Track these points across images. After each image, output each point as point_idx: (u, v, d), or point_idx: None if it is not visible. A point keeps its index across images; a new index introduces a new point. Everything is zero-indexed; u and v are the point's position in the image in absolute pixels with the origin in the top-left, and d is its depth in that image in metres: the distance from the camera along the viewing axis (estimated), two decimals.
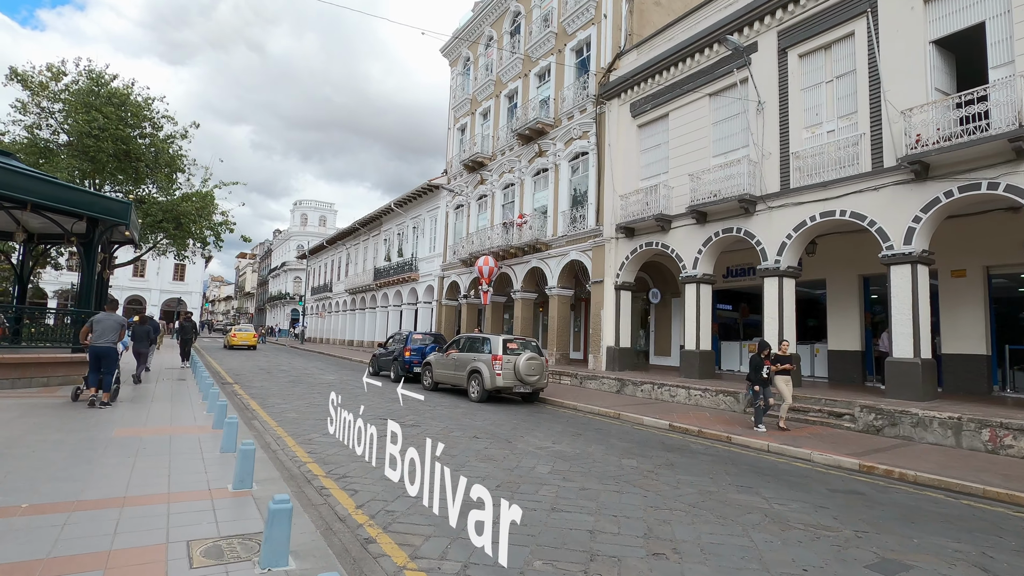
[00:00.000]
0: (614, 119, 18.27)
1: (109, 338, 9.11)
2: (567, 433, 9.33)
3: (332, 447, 7.39)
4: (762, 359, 9.84)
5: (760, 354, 9.92)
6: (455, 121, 29.51)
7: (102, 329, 9.11)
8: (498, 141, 24.88)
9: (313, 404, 11.43)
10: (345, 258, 46.47)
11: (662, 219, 15.71)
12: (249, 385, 14.55)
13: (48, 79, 22.16)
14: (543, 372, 13.11)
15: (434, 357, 15.03)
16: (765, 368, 9.79)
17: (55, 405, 8.64)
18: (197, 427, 7.57)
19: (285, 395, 12.78)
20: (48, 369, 10.82)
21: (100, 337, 9.04)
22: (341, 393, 12.13)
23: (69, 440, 6.31)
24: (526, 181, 22.63)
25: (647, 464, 7.24)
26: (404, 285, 33.43)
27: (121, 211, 11.79)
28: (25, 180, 10.16)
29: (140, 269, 54.20)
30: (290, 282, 67.66)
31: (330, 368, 21.85)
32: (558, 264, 20.12)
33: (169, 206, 23.93)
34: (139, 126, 23.43)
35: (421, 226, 32.42)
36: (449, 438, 8.39)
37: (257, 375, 17.45)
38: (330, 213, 71.16)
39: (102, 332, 9.09)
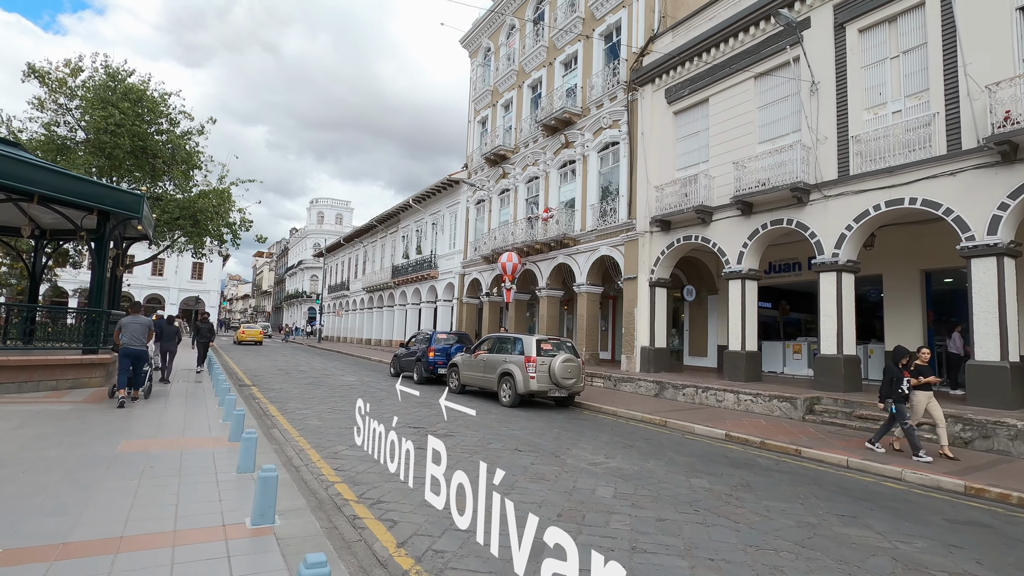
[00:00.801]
0: (647, 106, 17.27)
1: (140, 340, 9.43)
2: (616, 444, 8.43)
3: (361, 462, 6.58)
4: (900, 370, 8.02)
5: (897, 363, 8.09)
6: (475, 114, 28.66)
7: (131, 332, 9.40)
8: (521, 133, 23.97)
9: (336, 409, 10.66)
10: (362, 256, 45.93)
11: (702, 211, 14.69)
12: (268, 387, 13.85)
13: (66, 75, 21.80)
14: (580, 375, 12.20)
15: (461, 358, 14.20)
16: (905, 381, 7.93)
17: (60, 413, 7.95)
18: (212, 439, 6.81)
19: (305, 399, 12.04)
20: (57, 372, 10.17)
21: (132, 340, 9.34)
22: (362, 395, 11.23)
23: (68, 457, 5.56)
24: (551, 174, 21.70)
25: (720, 485, 6.31)
26: (423, 283, 32.71)
27: (133, 204, 11.11)
28: (32, 170, 9.52)
29: (159, 268, 54.23)
30: (307, 280, 67.47)
31: (349, 369, 21.16)
32: (587, 260, 19.18)
33: (186, 203, 23.57)
34: (156, 122, 23.04)
35: (440, 222, 31.65)
36: (489, 451, 7.53)
37: (276, 376, 16.78)
38: (346, 211, 70.84)
39: (132, 335, 9.38)
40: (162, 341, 12.97)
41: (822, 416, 10.64)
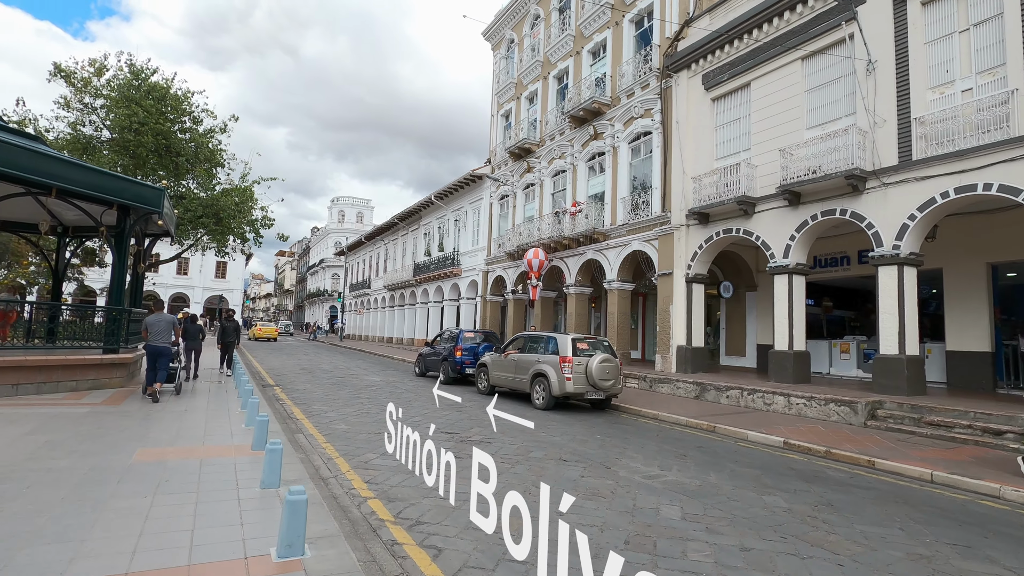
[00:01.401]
0: (682, 93, 16.44)
1: (164, 337, 9.74)
2: (668, 453, 7.72)
3: (394, 473, 5.99)
4: None
5: None
6: (498, 107, 28.02)
7: (157, 330, 9.72)
8: (547, 126, 23.27)
9: (362, 412, 10.13)
10: (383, 254, 45.68)
11: (744, 202, 13.84)
12: (291, 388, 13.41)
13: (90, 74, 21.75)
14: (618, 376, 11.50)
15: (490, 358, 13.59)
16: None
17: (76, 416, 7.53)
18: (234, 447, 6.28)
19: (330, 400, 11.55)
20: (77, 372, 9.82)
21: (156, 337, 9.66)
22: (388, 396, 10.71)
23: (78, 468, 5.07)
24: (579, 167, 20.96)
25: (799, 504, 5.57)
26: (445, 280, 32.22)
27: (153, 198, 10.73)
28: (49, 163, 9.15)
29: (183, 267, 54.80)
30: (328, 279, 67.63)
31: (373, 368, 20.72)
32: (617, 255, 18.42)
33: (209, 201, 23.42)
34: (179, 120, 22.93)
35: (463, 219, 31.10)
36: (531, 461, 6.89)
37: (299, 376, 16.38)
38: (367, 209, 70.85)
39: (157, 332, 9.71)
40: (187, 339, 12.86)
41: (886, 422, 9.77)
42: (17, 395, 8.84)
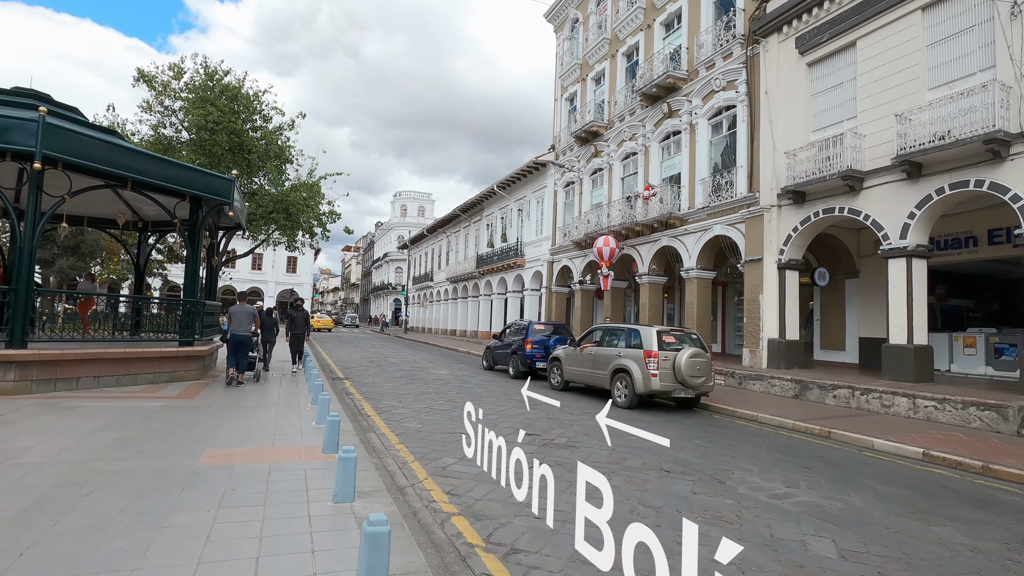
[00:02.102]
0: (772, 60, 14.86)
1: (245, 327, 10.33)
2: (786, 464, 6.63)
3: (477, 483, 5.30)
4: None
5: None
6: (562, 91, 26.97)
7: (239, 320, 10.31)
8: (615, 106, 22.04)
9: (434, 409, 9.57)
10: (445, 246, 45.72)
11: (850, 176, 12.25)
12: (360, 381, 13.13)
13: (170, 78, 22.55)
14: (710, 373, 10.39)
15: (564, 352, 12.76)
16: None
17: (148, 412, 7.34)
18: (304, 449, 5.79)
19: (400, 395, 11.10)
20: (154, 365, 9.81)
21: (238, 327, 10.25)
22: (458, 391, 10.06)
23: (143, 472, 4.68)
24: (652, 148, 19.65)
25: (983, 539, 4.42)
26: (508, 272, 31.62)
27: (224, 188, 10.59)
28: (124, 155, 9.10)
29: (258, 262, 57.31)
30: (392, 272, 68.89)
31: (439, 360, 20.39)
32: (696, 241, 17.08)
33: (279, 197, 23.91)
34: (250, 119, 23.45)
35: (527, 208, 30.33)
36: (628, 471, 6.03)
37: (367, 369, 16.19)
38: (428, 203, 71.54)
39: (239, 322, 10.29)
40: (263, 331, 12.79)
41: None
42: (99, 387, 8.86)
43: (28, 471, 4.53)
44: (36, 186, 8.14)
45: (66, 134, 8.18)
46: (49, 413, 6.83)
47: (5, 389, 7.80)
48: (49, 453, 5.09)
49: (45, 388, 8.20)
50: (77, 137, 8.37)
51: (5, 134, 7.72)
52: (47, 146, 7.82)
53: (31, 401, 7.50)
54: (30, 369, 8.04)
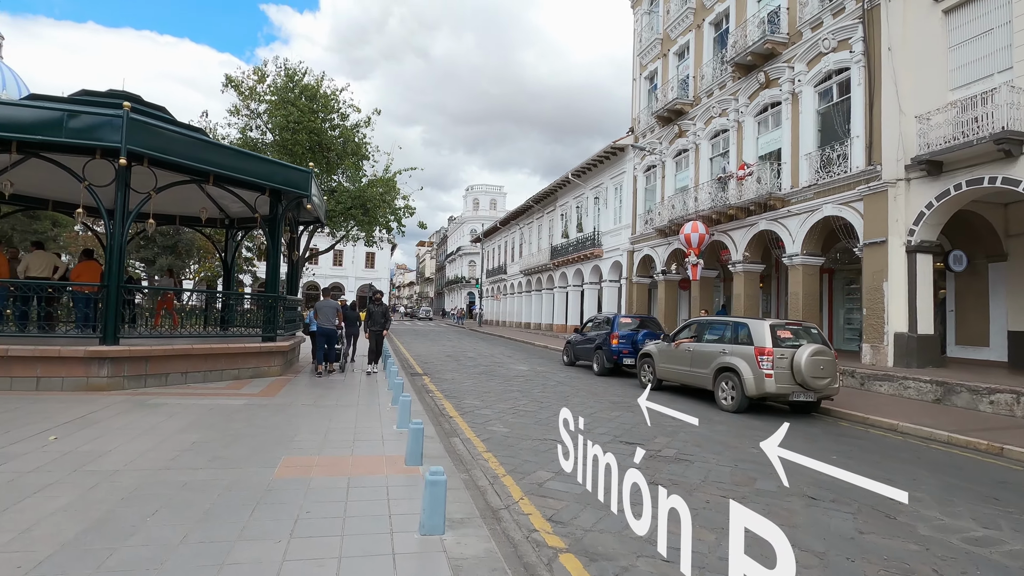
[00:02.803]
0: (897, 11, 12.85)
1: (330, 321, 10.97)
2: (964, 493, 5.31)
3: (582, 507, 4.49)
4: None
5: None
6: (641, 69, 25.42)
7: (324, 314, 10.93)
8: (702, 81, 20.34)
9: (519, 411, 8.84)
10: (519, 238, 45.17)
11: (1007, 139, 10.25)
12: (440, 378, 12.68)
13: (254, 82, 23.32)
14: (835, 373, 8.97)
15: (656, 348, 11.66)
16: None
17: (230, 411, 7.09)
18: (385, 460, 5.21)
19: (481, 393, 10.49)
20: (238, 360, 9.76)
21: (324, 321, 10.89)
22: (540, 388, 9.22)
23: (215, 485, 4.23)
24: (746, 123, 17.90)
25: None
26: (585, 263, 30.50)
27: (302, 181, 10.37)
28: (206, 150, 9.01)
29: (338, 258, 59.52)
30: (465, 266, 69.46)
31: (516, 355, 19.76)
32: (801, 224, 15.30)
33: (357, 193, 24.28)
34: (328, 117, 23.88)
35: (603, 196, 29.06)
36: (763, 496, 4.98)
37: (445, 364, 15.80)
38: (499, 196, 71.38)
39: (325, 316, 10.92)
40: (346, 324, 13.03)
41: None
42: (186, 383, 8.86)
43: (100, 480, 4.19)
44: (124, 183, 8.15)
45: (150, 129, 8.12)
46: (136, 411, 6.72)
47: (99, 385, 7.87)
48: (126, 458, 4.80)
49: (136, 384, 8.24)
50: (160, 132, 8.31)
51: (93, 131, 7.74)
52: (132, 141, 7.77)
53: (122, 398, 7.48)
54: (122, 365, 8.09)
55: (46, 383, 7.71)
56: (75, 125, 7.65)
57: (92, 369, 7.87)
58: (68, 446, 5.08)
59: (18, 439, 5.23)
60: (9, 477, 4.17)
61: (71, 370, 7.80)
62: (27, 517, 3.46)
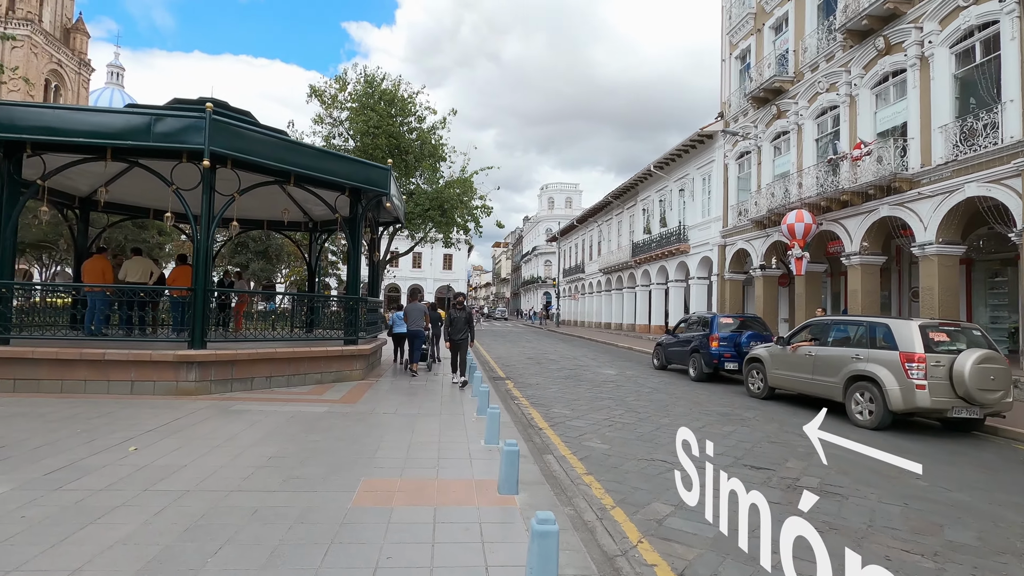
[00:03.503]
0: None
1: (418, 322, 11.43)
2: None
3: (721, 557, 3.56)
4: None
5: None
6: (731, 49, 23.53)
7: (413, 315, 11.40)
8: (804, 55, 18.34)
9: (615, 422, 7.93)
10: (596, 236, 43.85)
11: None
12: (523, 382, 11.99)
13: (336, 91, 23.90)
14: (1008, 385, 7.34)
15: (767, 352, 10.31)
16: None
17: (311, 419, 6.73)
18: (475, 484, 4.52)
19: (570, 401, 9.66)
20: (321, 364, 9.55)
21: (413, 322, 11.40)
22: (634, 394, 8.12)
23: (287, 514, 3.71)
24: (860, 97, 15.85)
25: None
26: (670, 259, 28.82)
27: (381, 179, 10.04)
28: (286, 150, 8.85)
29: (417, 261, 60.84)
30: (541, 266, 68.85)
31: (600, 357, 18.74)
32: (935, 207, 13.20)
33: (434, 194, 24.29)
34: (406, 121, 24.05)
35: (689, 188, 27.29)
36: (966, 555, 3.79)
37: (528, 367, 15.10)
38: (575, 194, 70.09)
39: (413, 318, 11.38)
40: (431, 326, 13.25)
41: None
42: (270, 387, 8.71)
43: (168, 504, 3.79)
44: (208, 185, 8.08)
45: (232, 131, 8.00)
46: (218, 419, 6.49)
47: (188, 389, 7.82)
48: (200, 475, 4.42)
49: (222, 388, 8.15)
50: (242, 133, 8.19)
51: (178, 135, 7.70)
52: (214, 143, 7.66)
53: (207, 403, 7.36)
54: (209, 369, 8.01)
55: (139, 387, 7.76)
56: (161, 129, 7.64)
57: (181, 373, 7.84)
58: (146, 458, 4.80)
59: (101, 448, 5.03)
60: (79, 496, 3.87)
61: (162, 374, 7.81)
62: (83, 551, 3.05)
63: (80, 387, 7.64)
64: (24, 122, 7.54)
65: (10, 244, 7.92)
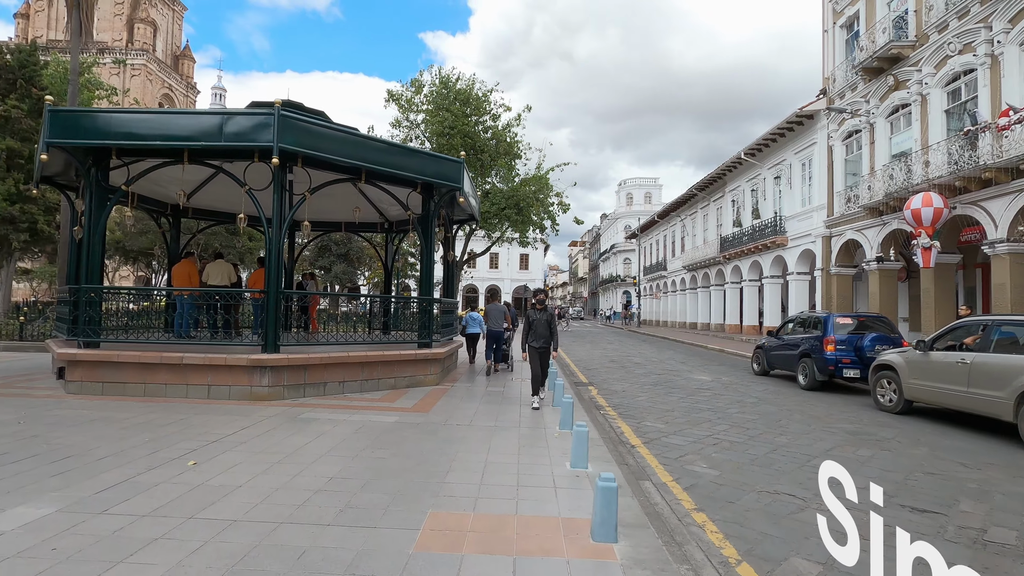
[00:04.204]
0: None
1: (499, 323, 11.47)
2: None
3: None
4: None
5: None
6: (834, 17, 21.12)
7: (494, 316, 11.51)
8: (930, 12, 15.94)
9: (720, 440, 6.83)
10: (680, 231, 41.63)
11: None
12: (608, 389, 11.03)
13: (412, 93, 24.02)
14: None
15: (903, 358, 8.70)
16: None
17: (380, 430, 6.21)
18: (562, 524, 3.71)
19: (663, 412, 8.61)
20: (395, 368, 9.12)
21: (494, 323, 11.45)
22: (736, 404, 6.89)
23: (338, 557, 3.10)
24: (1005, 56, 13.44)
25: None
26: (764, 254, 26.53)
27: (453, 172, 9.49)
28: (356, 146, 8.43)
29: (494, 261, 60.90)
30: (620, 264, 66.84)
31: (690, 360, 17.30)
32: None
33: (510, 193, 23.81)
34: (481, 120, 23.75)
35: (786, 174, 24.95)
36: None
37: (611, 372, 14.08)
38: (655, 189, 67.37)
39: (494, 319, 11.46)
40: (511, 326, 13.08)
41: None
42: (343, 392, 8.38)
43: (210, 538, 3.30)
44: (279, 185, 7.84)
45: (300, 127, 7.71)
46: (285, 428, 6.13)
47: (261, 394, 7.61)
48: (253, 499, 3.94)
49: (295, 394, 7.89)
50: (311, 129, 7.88)
51: (248, 133, 7.49)
52: (283, 140, 7.38)
53: (278, 410, 7.07)
54: (282, 374, 7.77)
55: (216, 391, 7.65)
56: (231, 128, 7.47)
57: (255, 378, 7.65)
58: (202, 475, 4.42)
59: (161, 462, 4.73)
60: (121, 524, 3.46)
61: (236, 378, 7.65)
62: None
63: (161, 391, 7.64)
64: (108, 128, 7.63)
65: (98, 249, 8.08)
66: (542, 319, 8.12)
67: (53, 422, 6.07)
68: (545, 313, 8.21)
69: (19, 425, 5.90)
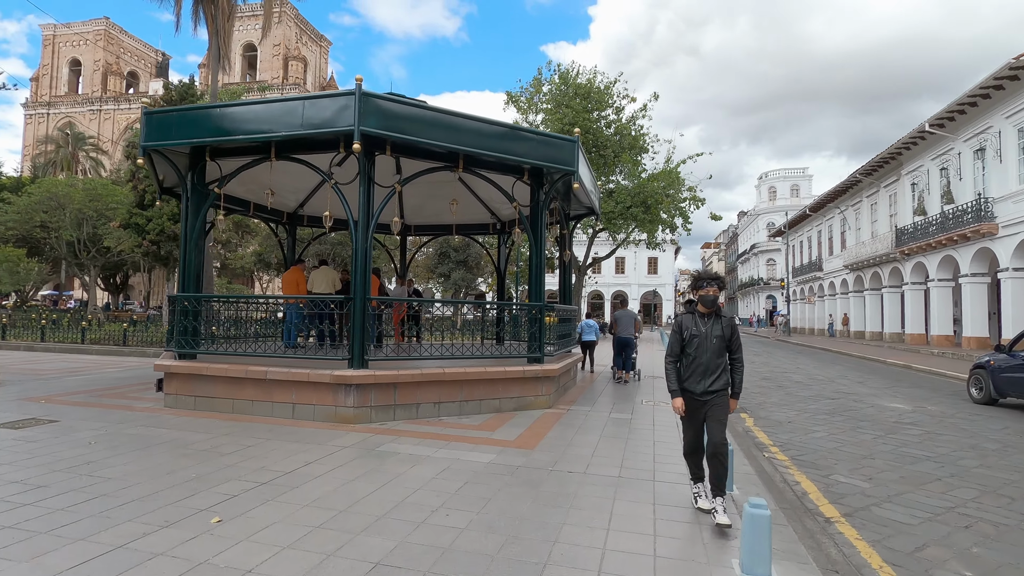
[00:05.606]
0: None
1: (628, 330, 11.18)
2: None
3: None
4: None
5: None
6: None
7: (623, 323, 11.21)
8: None
9: (968, 516, 4.44)
10: (838, 225, 36.00)
11: None
12: (768, 418, 8.66)
13: (532, 93, 23.07)
14: None
15: None
16: None
17: (467, 475, 4.79)
18: None
19: (857, 459, 6.20)
20: (499, 387, 7.73)
21: (623, 330, 11.18)
22: (971, 451, 4.57)
23: None
24: None
25: None
26: (961, 246, 21.38)
27: (566, 154, 7.92)
28: (450, 129, 7.07)
29: (621, 266, 58.14)
30: (762, 265, 60.38)
31: (869, 380, 13.89)
32: None
33: (636, 190, 21.78)
34: (603, 115, 22.11)
35: (993, 145, 19.83)
36: None
37: (768, 393, 11.46)
38: (803, 180, 59.87)
39: (623, 326, 11.18)
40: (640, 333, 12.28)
41: None
42: (438, 416, 7.17)
43: None
44: (365, 176, 6.88)
45: (384, 108, 6.64)
46: (353, 466, 4.95)
47: (346, 416, 6.63)
48: None
49: (384, 416, 6.81)
50: (396, 111, 6.78)
51: (328, 118, 6.54)
52: (365, 123, 6.35)
53: (359, 437, 5.99)
54: (368, 393, 6.73)
55: (300, 410, 6.82)
56: (311, 113, 6.61)
57: (339, 397, 6.69)
58: (215, 543, 3.29)
59: (183, 515, 3.71)
60: None
61: (321, 397, 6.76)
62: None
63: (248, 407, 6.99)
64: (196, 124, 7.21)
65: (194, 257, 7.73)
66: (711, 333, 3.96)
67: (120, 444, 5.50)
68: (718, 323, 4.00)
69: (88, 446, 5.38)
